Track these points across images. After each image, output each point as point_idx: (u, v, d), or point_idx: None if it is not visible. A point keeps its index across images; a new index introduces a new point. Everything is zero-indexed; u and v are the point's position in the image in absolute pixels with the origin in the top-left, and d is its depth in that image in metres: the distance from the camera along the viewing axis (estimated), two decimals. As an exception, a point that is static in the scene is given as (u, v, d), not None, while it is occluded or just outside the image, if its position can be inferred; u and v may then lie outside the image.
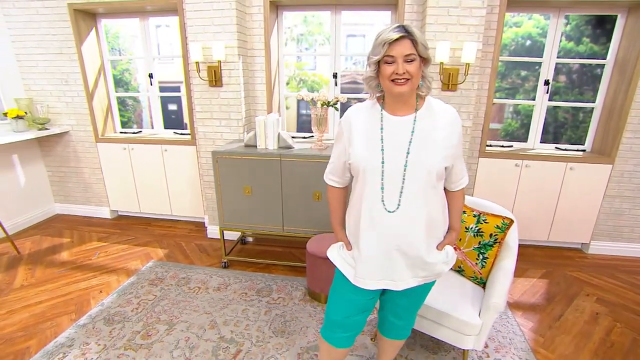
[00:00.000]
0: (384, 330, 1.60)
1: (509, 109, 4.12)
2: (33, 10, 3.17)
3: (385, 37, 1.09)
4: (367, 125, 1.25)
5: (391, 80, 1.13)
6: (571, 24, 3.93)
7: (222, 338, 2.09)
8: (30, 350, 2.01)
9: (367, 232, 1.25)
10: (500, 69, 4.38)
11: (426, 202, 1.22)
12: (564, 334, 2.19)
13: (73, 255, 3.07)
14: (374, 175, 1.21)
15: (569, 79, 3.95)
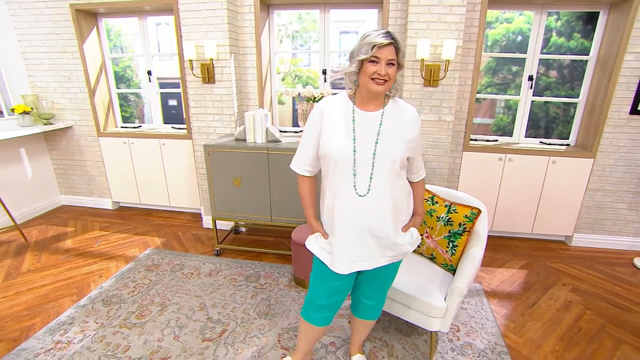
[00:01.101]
0: (357, 312, 1.72)
1: (501, 104, 4.18)
2: (38, 10, 3.33)
3: (375, 40, 1.22)
4: (340, 117, 1.37)
5: (372, 78, 1.26)
6: (562, 20, 3.98)
7: (210, 319, 2.24)
8: (35, 327, 2.18)
9: (341, 216, 1.37)
10: (490, 65, 4.44)
11: (392, 188, 1.35)
12: (535, 320, 2.29)
13: (76, 243, 3.25)
14: (346, 163, 1.33)
15: (559, 74, 4.00)
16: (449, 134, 2.79)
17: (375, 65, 1.24)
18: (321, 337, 1.75)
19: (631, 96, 2.75)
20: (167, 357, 1.95)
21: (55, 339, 2.08)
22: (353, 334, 1.87)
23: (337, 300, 1.56)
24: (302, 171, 1.50)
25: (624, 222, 3.10)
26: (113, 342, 2.06)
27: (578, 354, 2.01)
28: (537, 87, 4.32)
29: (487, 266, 2.89)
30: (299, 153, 1.50)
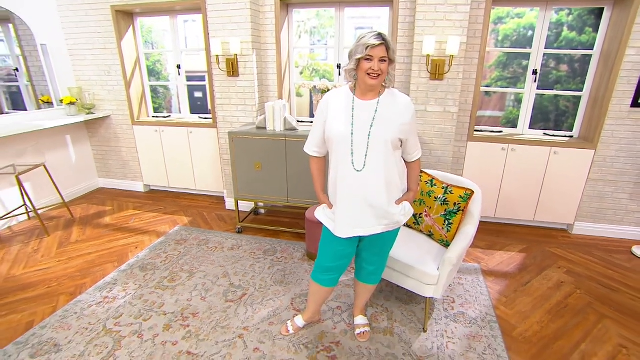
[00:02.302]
0: (359, 276, 1.99)
1: (511, 98, 4.30)
2: (83, 12, 3.71)
3: (368, 42, 1.46)
4: (342, 106, 1.63)
5: (367, 73, 1.51)
6: (573, 14, 4.06)
7: (232, 284, 2.56)
8: (86, 285, 2.56)
9: (342, 187, 1.64)
10: (501, 59, 4.56)
11: (385, 165, 1.60)
12: (526, 296, 2.49)
13: (114, 220, 3.65)
14: (345, 144, 1.59)
15: (570, 68, 4.09)
16: (454, 125, 2.99)
17: (369, 62, 1.48)
18: (327, 297, 2.03)
19: (632, 89, 2.86)
20: (195, 313, 2.27)
21: (103, 295, 2.45)
22: (356, 298, 2.13)
23: (341, 264, 1.82)
24: (311, 152, 1.79)
25: (625, 211, 3.21)
26: (150, 300, 2.40)
27: (561, 325, 2.21)
28: (547, 80, 4.43)
29: (487, 249, 3.09)
30: (309, 137, 1.77)
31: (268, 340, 2.05)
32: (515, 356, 1.97)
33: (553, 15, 4.29)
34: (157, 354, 1.96)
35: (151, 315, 2.26)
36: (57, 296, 2.45)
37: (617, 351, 2.02)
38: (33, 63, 3.94)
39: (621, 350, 2.02)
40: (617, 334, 2.15)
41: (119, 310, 2.30)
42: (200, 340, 2.06)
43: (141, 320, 2.22)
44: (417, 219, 2.37)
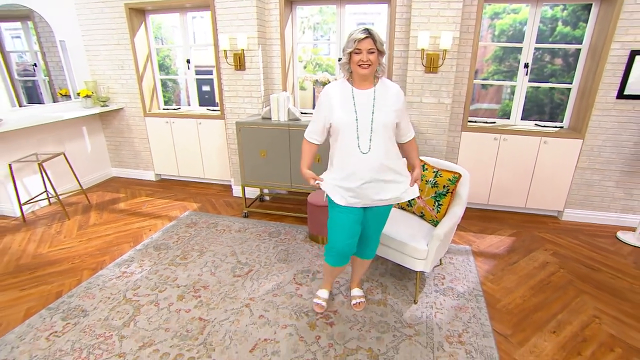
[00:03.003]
0: (357, 253, 2.18)
1: (507, 91, 4.45)
2: (99, 10, 3.93)
3: (356, 37, 1.65)
4: (342, 96, 1.82)
5: (358, 65, 1.69)
6: (568, 10, 4.20)
7: (239, 262, 2.78)
8: (106, 262, 2.79)
9: (350, 169, 1.81)
10: (498, 53, 4.71)
11: (385, 147, 1.79)
12: (512, 274, 2.68)
13: (128, 205, 3.88)
14: (351, 130, 1.78)
15: (565, 62, 4.23)
16: (447, 115, 3.16)
17: (359, 54, 1.66)
18: (338, 274, 2.24)
19: (617, 82, 3.01)
20: (206, 286, 2.50)
21: (121, 270, 2.68)
22: (353, 272, 2.34)
23: (350, 243, 1.95)
24: (312, 140, 1.94)
25: (612, 199, 3.37)
26: (164, 274, 2.63)
27: (542, 299, 2.40)
28: (543, 74, 4.58)
29: (479, 233, 3.27)
30: (311, 126, 1.93)
31: (272, 309, 2.27)
32: (497, 324, 2.17)
33: (548, 11, 4.43)
34: (172, 319, 2.19)
35: (166, 288, 2.48)
36: (80, 271, 2.69)
37: (591, 320, 2.20)
38: (51, 58, 4.17)
39: (594, 320, 2.21)
40: (593, 307, 2.33)
41: (137, 283, 2.53)
42: (210, 309, 2.28)
43: (157, 292, 2.44)
44: (410, 201, 2.56)
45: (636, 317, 2.23)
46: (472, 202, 3.69)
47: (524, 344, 2.02)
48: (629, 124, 3.10)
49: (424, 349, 1.98)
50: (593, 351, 1.97)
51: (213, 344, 2.00)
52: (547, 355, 1.94)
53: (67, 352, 1.95)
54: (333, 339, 2.04)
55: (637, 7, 2.79)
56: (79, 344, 2.01)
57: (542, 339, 2.06)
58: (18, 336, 2.06)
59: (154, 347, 1.99)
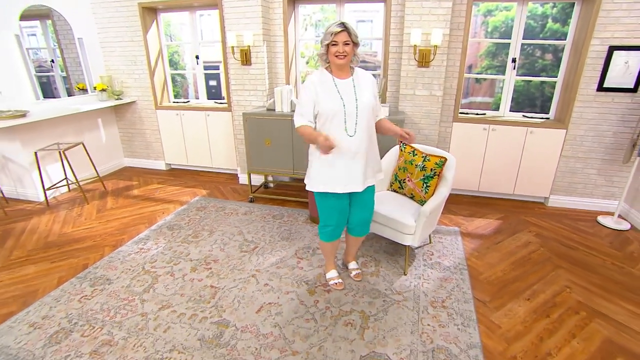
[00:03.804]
0: (352, 232, 2.42)
1: (500, 85, 4.67)
2: (114, 9, 4.19)
3: (332, 30, 1.87)
4: (326, 86, 2.01)
5: (335, 55, 1.92)
6: (557, 7, 4.41)
7: (246, 240, 3.04)
8: (124, 240, 3.07)
9: (338, 152, 2.01)
10: (491, 49, 4.93)
11: (368, 129, 2.04)
12: (496, 252, 2.92)
13: (141, 192, 4.16)
14: (339, 115, 2.00)
15: (555, 57, 4.45)
16: (439, 107, 3.40)
17: (335, 46, 1.88)
18: (336, 249, 2.47)
19: (597, 75, 3.23)
20: (216, 260, 2.76)
21: (139, 247, 2.96)
22: (349, 248, 2.58)
23: (341, 219, 2.21)
24: (306, 122, 2.01)
25: (594, 185, 3.59)
26: (178, 250, 2.90)
27: (520, 273, 2.64)
28: (534, 68, 4.80)
29: (468, 216, 3.51)
30: (301, 112, 2.01)
31: (276, 279, 2.53)
32: (478, 293, 2.42)
33: (539, 8, 4.65)
34: (187, 287, 2.46)
35: (180, 261, 2.76)
36: (102, 247, 2.97)
37: (562, 290, 2.45)
38: (68, 55, 4.45)
39: (565, 289, 2.45)
40: (566, 279, 2.57)
41: (154, 257, 2.81)
42: (220, 278, 2.55)
43: (172, 265, 2.72)
44: (401, 184, 2.81)
45: (603, 287, 2.47)
46: (463, 188, 3.93)
47: (500, 309, 2.27)
48: (609, 114, 3.31)
49: (411, 311, 2.23)
50: (560, 314, 2.22)
51: (223, 307, 2.27)
52: (520, 317, 2.19)
53: (97, 312, 2.23)
54: (330, 302, 2.30)
55: (614, 6, 3.00)
56: (106, 305, 2.28)
57: (516, 304, 2.31)
58: (54, 298, 2.35)
59: (171, 308, 2.26)
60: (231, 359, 1.88)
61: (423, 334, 2.05)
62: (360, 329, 2.08)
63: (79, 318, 2.18)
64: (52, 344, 1.99)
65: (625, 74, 3.15)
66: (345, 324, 2.12)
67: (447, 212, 3.58)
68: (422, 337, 2.03)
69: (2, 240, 3.07)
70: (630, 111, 3.24)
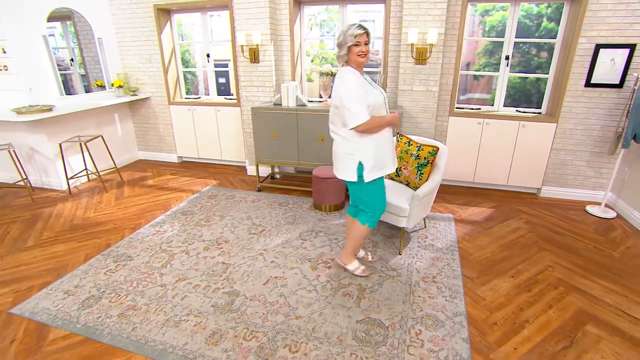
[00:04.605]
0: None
1: (496, 82, 4.87)
2: (131, 10, 4.47)
3: (355, 32, 2.06)
4: (364, 81, 2.17)
5: (358, 55, 2.11)
6: (552, 7, 4.60)
7: (254, 224, 3.29)
8: (142, 224, 3.34)
9: (387, 141, 2.21)
10: (488, 47, 5.12)
11: None
12: (486, 236, 3.14)
13: (155, 182, 4.43)
14: (384, 107, 2.20)
15: (550, 55, 4.63)
16: (435, 101, 3.61)
17: (358, 47, 2.11)
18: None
19: (585, 72, 3.42)
20: (227, 241, 3.02)
21: (156, 229, 3.22)
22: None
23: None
24: (368, 116, 2.07)
25: (584, 177, 3.78)
26: (192, 233, 3.16)
27: (508, 254, 2.85)
28: (530, 66, 4.98)
29: (463, 205, 3.72)
30: (362, 107, 2.04)
31: (281, 257, 2.78)
32: (466, 270, 2.64)
33: (534, 8, 4.84)
34: (200, 263, 2.71)
35: (194, 242, 3.01)
36: (122, 230, 3.24)
37: (545, 269, 2.66)
38: (87, 54, 4.73)
39: (548, 269, 2.66)
40: (550, 260, 2.78)
41: (170, 239, 3.07)
42: (231, 256, 2.80)
43: (186, 245, 2.97)
44: (398, 172, 3.04)
45: (583, 267, 2.68)
46: (459, 179, 4.14)
47: (486, 284, 2.49)
48: (596, 109, 3.50)
49: (404, 285, 2.46)
50: (541, 289, 2.43)
51: (234, 279, 2.52)
52: (503, 291, 2.41)
53: (121, 282, 2.49)
54: (330, 277, 2.54)
55: (600, 7, 3.19)
56: (129, 278, 2.55)
57: (501, 280, 2.53)
58: (83, 271, 2.62)
59: (187, 280, 2.51)
60: (241, 321, 2.13)
61: (414, 304, 2.28)
62: (357, 299, 2.32)
63: (106, 287, 2.44)
64: (85, 307, 2.26)
65: (611, 70, 3.34)
66: (343, 294, 2.36)
67: (442, 201, 3.80)
68: (413, 307, 2.25)
69: (32, 223, 3.35)
70: (616, 105, 3.42)
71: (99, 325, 2.11)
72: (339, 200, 3.51)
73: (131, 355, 1.90)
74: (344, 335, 2.02)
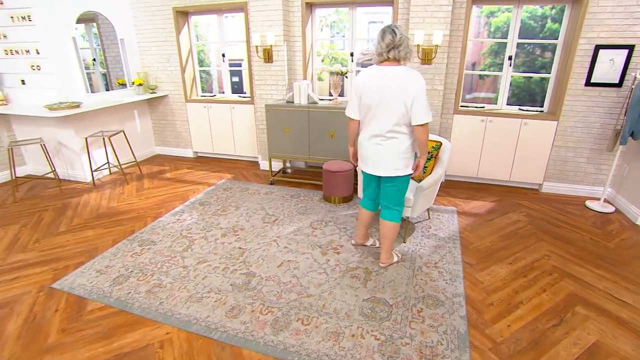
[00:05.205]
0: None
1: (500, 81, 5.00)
2: (150, 12, 4.72)
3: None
4: None
5: None
6: (556, 8, 4.73)
7: (267, 214, 3.51)
8: (162, 213, 3.58)
9: None
10: (493, 48, 5.27)
11: None
12: (487, 227, 3.30)
13: (173, 175, 4.68)
14: None
15: (553, 55, 4.77)
16: (440, 100, 3.79)
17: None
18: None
19: (585, 72, 3.56)
20: (242, 229, 3.23)
21: (176, 218, 3.45)
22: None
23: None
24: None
25: (584, 173, 3.91)
26: (209, 221, 3.39)
27: (506, 243, 3.02)
28: (534, 65, 5.12)
29: (466, 199, 3.89)
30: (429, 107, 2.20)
31: (293, 243, 2.98)
32: (467, 257, 2.81)
33: (539, 10, 4.98)
34: (219, 248, 2.93)
35: (212, 229, 3.24)
36: (144, 218, 3.48)
37: (541, 257, 2.82)
38: (109, 54, 5.00)
39: (544, 257, 2.82)
40: (547, 249, 2.94)
41: (189, 226, 3.30)
42: (247, 242, 3.01)
43: (205, 232, 3.20)
44: (403, 166, 3.22)
45: (578, 257, 2.83)
46: (463, 175, 4.30)
47: (485, 270, 2.67)
48: (596, 107, 3.64)
49: (407, 269, 2.65)
50: (536, 275, 2.60)
51: (250, 262, 2.73)
52: (500, 276, 2.58)
53: (147, 264, 2.73)
54: (339, 261, 2.74)
55: (600, 9, 3.33)
56: (154, 260, 2.78)
57: (499, 267, 2.70)
58: (112, 254, 2.86)
59: (207, 263, 2.73)
60: (258, 298, 2.34)
61: (416, 286, 2.47)
62: (364, 281, 2.51)
63: (134, 268, 2.68)
64: (116, 284, 2.49)
65: (611, 70, 3.47)
66: (351, 276, 2.56)
67: (446, 195, 3.97)
68: (415, 288, 2.44)
69: (62, 211, 3.62)
70: (615, 104, 3.56)
71: (129, 300, 2.34)
72: (348, 193, 3.71)
73: (160, 325, 2.12)
74: (352, 311, 2.22)
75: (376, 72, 2.25)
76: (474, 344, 1.99)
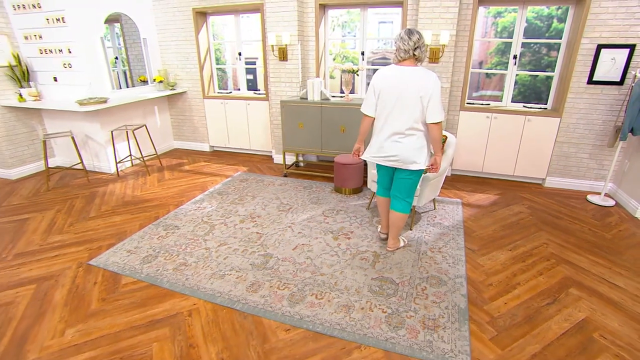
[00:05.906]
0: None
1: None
2: (171, 13, 4.98)
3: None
4: None
5: None
6: (562, 9, 4.87)
7: (282, 203, 3.73)
8: (184, 201, 3.83)
9: None
10: (500, 47, 5.40)
11: None
12: (490, 218, 3.48)
13: (191, 167, 4.94)
14: None
15: (559, 54, 4.90)
16: (447, 97, 3.96)
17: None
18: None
19: (587, 70, 3.70)
20: (259, 216, 3.46)
21: (196, 206, 3.70)
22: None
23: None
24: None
25: (586, 168, 4.05)
26: (228, 209, 3.62)
27: (507, 232, 3.20)
28: (540, 64, 5.25)
29: (470, 192, 4.06)
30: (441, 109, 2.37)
31: (307, 229, 3.20)
32: (469, 244, 3.00)
33: (545, 10, 5.11)
34: (238, 232, 3.17)
35: (230, 216, 3.47)
36: (167, 206, 3.73)
37: (541, 244, 2.99)
38: (132, 52, 5.28)
39: (543, 245, 2.99)
40: (546, 238, 3.11)
41: (209, 213, 3.54)
42: (264, 228, 3.24)
43: (224, 218, 3.43)
44: (410, 159, 3.41)
45: (576, 245, 2.99)
46: (468, 169, 4.47)
47: (486, 255, 2.85)
48: (598, 105, 3.78)
49: (413, 253, 2.85)
50: (534, 260, 2.78)
51: (267, 245, 2.96)
52: (500, 260, 2.77)
53: (172, 246, 2.97)
54: (349, 245, 2.95)
55: (602, 10, 3.47)
56: (178, 242, 3.02)
57: (499, 253, 2.88)
58: (139, 236, 3.11)
59: (227, 245, 2.97)
60: (275, 276, 2.56)
61: (421, 268, 2.66)
62: (373, 262, 2.72)
63: (160, 249, 2.93)
64: (145, 262, 2.74)
65: (612, 69, 3.61)
66: (361, 259, 2.77)
67: (452, 188, 4.14)
68: (420, 270, 2.64)
69: (91, 199, 3.90)
70: (617, 102, 3.69)
71: (158, 276, 2.59)
72: (358, 185, 3.91)
73: (187, 297, 2.36)
74: (361, 288, 2.43)
75: (395, 72, 2.41)
76: (473, 318, 2.18)
